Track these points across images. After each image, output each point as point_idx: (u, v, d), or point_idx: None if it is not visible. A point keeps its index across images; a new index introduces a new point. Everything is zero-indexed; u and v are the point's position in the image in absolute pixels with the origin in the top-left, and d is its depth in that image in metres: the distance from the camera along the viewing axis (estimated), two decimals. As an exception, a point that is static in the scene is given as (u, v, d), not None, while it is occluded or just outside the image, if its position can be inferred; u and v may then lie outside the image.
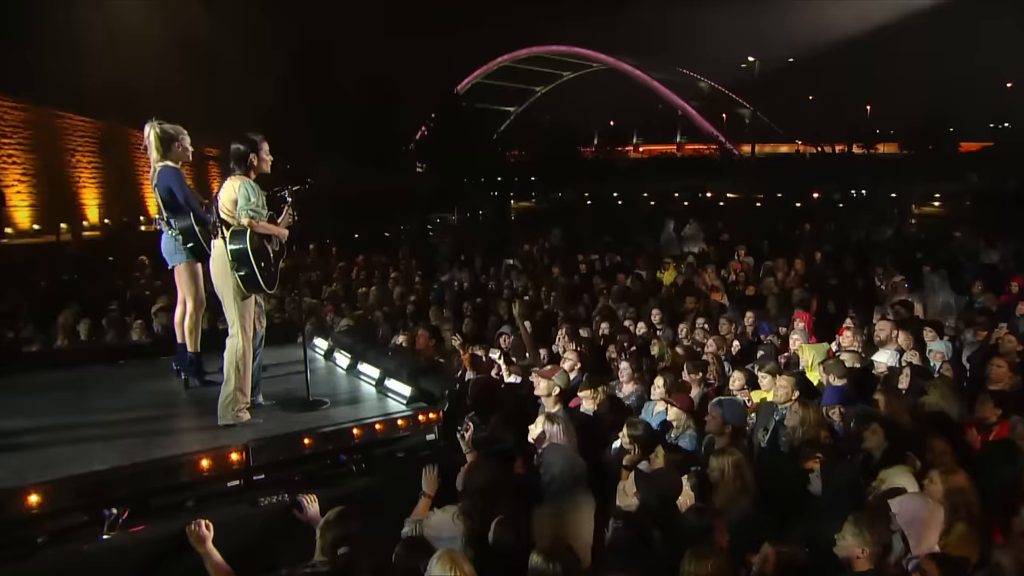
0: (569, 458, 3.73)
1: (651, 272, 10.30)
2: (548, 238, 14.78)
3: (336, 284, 10.36)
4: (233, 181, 3.98)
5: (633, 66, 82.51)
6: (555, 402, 4.63)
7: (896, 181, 27.49)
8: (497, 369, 5.86)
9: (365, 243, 17.33)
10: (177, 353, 4.83)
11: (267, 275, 4.00)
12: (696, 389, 5.52)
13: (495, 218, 27.19)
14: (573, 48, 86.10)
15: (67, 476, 3.20)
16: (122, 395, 4.55)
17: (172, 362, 4.91)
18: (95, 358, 5.46)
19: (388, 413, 4.22)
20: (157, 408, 4.30)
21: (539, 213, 31.37)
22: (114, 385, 4.76)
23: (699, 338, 6.72)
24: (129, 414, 4.15)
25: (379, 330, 7.64)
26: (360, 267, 11.90)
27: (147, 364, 5.28)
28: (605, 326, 7.07)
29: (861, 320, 7.01)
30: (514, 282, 10.12)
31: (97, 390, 4.66)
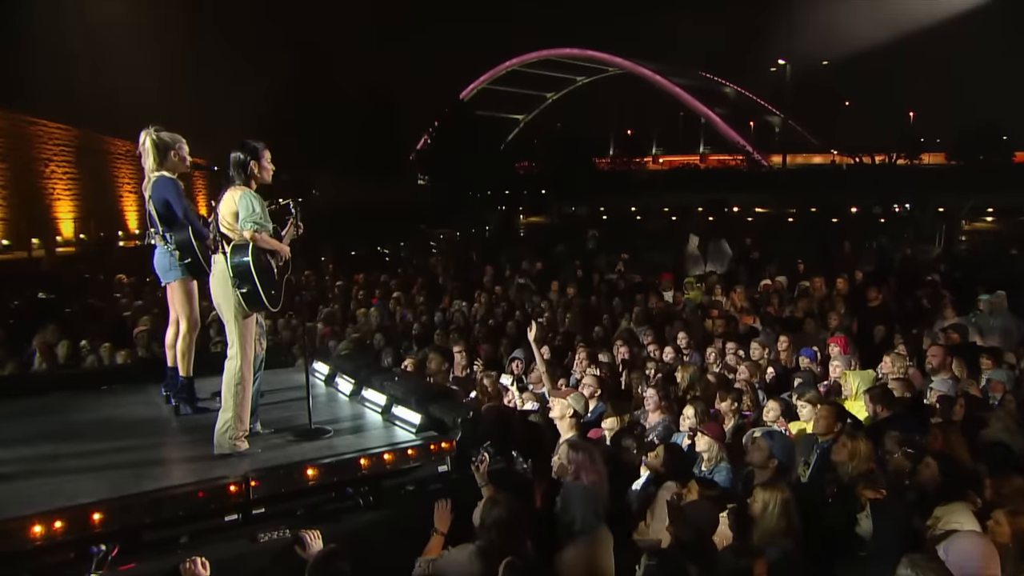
0: (590, 496, 3.75)
1: (675, 292, 10.34)
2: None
3: (333, 304, 10.44)
4: (233, 191, 4.05)
5: (652, 70, 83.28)
6: (571, 426, 4.64)
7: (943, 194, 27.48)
8: (510, 396, 5.90)
9: (363, 260, 17.45)
10: (167, 378, 4.88)
11: (271, 292, 4.06)
12: (730, 420, 5.54)
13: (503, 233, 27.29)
14: (587, 51, 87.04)
15: (51, 510, 3.21)
16: (108, 423, 4.58)
17: (161, 387, 4.96)
18: (76, 383, 5.51)
19: (396, 442, 4.23)
20: (147, 437, 4.33)
21: (550, 228, 31.50)
22: (99, 412, 4.80)
23: (731, 364, 6.73)
24: (116, 443, 4.17)
25: (381, 354, 7.68)
26: (359, 286, 11.99)
27: (133, 390, 5.33)
28: (626, 350, 7.10)
29: (909, 346, 7.02)
30: (526, 303, 10.15)
31: (80, 417, 4.70)
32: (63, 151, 21.36)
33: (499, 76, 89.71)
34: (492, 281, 11.95)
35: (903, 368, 6.17)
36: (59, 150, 21.29)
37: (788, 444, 4.70)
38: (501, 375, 6.14)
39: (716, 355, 7.06)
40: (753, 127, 76.03)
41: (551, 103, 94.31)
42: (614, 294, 10.74)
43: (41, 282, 13.20)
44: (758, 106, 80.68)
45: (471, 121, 43.03)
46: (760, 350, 7.04)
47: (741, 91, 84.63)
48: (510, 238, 25.46)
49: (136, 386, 5.43)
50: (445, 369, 5.96)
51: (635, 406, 5.76)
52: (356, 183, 33.03)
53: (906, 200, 31.36)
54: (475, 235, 26.16)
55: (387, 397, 4.79)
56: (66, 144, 21.44)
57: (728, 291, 10.18)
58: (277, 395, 5.11)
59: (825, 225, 23.24)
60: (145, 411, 4.85)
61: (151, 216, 4.55)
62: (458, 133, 39.10)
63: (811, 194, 33.99)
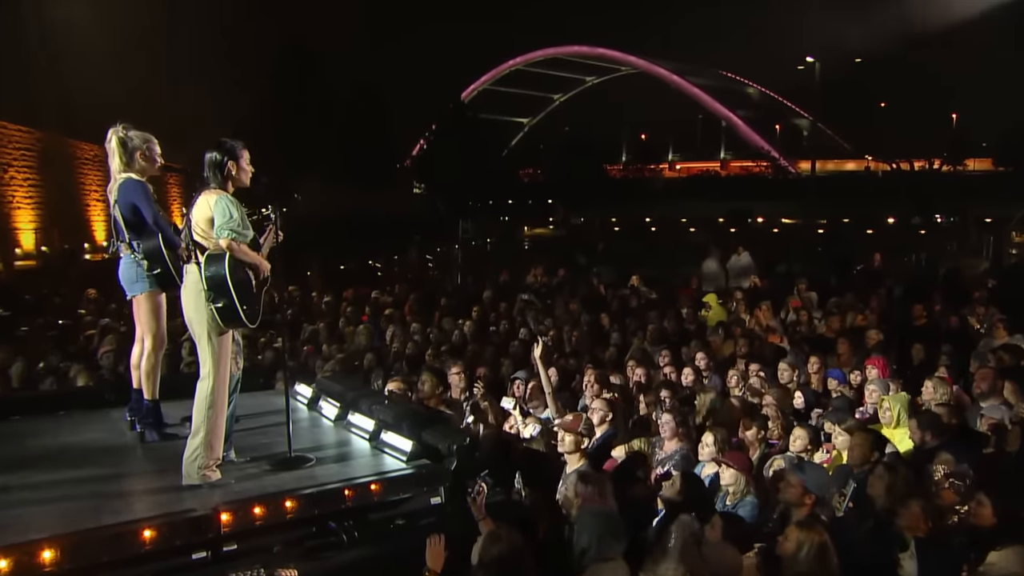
0: (608, 521, 3.70)
1: (693, 310, 10.34)
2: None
3: (319, 322, 10.44)
4: (208, 195, 4.03)
5: (668, 70, 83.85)
6: (580, 458, 4.61)
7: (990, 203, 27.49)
8: (512, 421, 5.87)
9: (353, 275, 17.49)
10: (132, 401, 4.85)
11: (249, 307, 4.03)
12: (756, 449, 5.49)
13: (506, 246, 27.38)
14: (597, 49, 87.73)
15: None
16: (65, 451, 4.55)
17: (125, 412, 4.92)
18: (31, 408, 5.48)
19: (385, 472, 4.21)
20: (108, 466, 4.29)
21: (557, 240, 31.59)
22: (55, 439, 4.77)
23: (756, 387, 6.69)
24: (74, 473, 4.14)
25: (371, 375, 7.66)
26: (348, 302, 12.00)
27: (95, 414, 5.30)
28: (640, 372, 7.08)
29: (954, 368, 6.97)
30: (530, 321, 10.16)
31: (34, 445, 4.67)
32: (24, 155, 21.49)
33: (502, 76, 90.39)
34: (493, 297, 11.93)
35: (945, 393, 6.12)
36: (19, 154, 21.42)
37: (822, 476, 4.66)
38: (502, 398, 6.10)
39: (739, 378, 7.03)
40: (779, 130, 76.21)
41: (558, 105, 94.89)
42: (627, 311, 10.75)
43: None
44: (784, 107, 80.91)
45: (471, 124, 43.21)
46: (788, 372, 6.99)
47: (765, 91, 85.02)
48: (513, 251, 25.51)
49: (98, 410, 5.39)
50: (440, 392, 5.94)
51: (649, 433, 5.70)
52: (346, 190, 33.22)
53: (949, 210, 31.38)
54: (475, 248, 26.21)
55: (375, 422, 4.76)
56: (27, 148, 21.59)
57: (752, 308, 10.16)
58: (254, 420, 5.08)
59: (845, 237, 23.23)
60: (107, 438, 4.81)
61: (116, 222, 4.54)
62: (457, 137, 39.28)
63: (843, 203, 34.06)
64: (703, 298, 10.97)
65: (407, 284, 14.42)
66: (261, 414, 5.15)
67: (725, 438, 5.11)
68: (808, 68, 57.29)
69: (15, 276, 17.61)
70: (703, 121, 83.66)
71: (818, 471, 4.61)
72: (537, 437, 5.54)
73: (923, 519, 3.95)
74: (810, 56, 56.01)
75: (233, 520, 3.59)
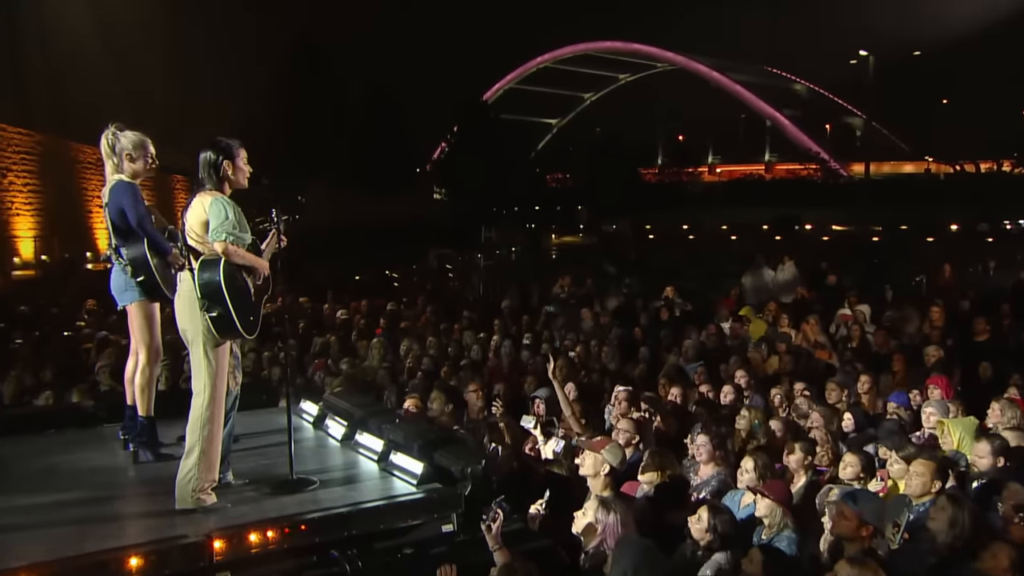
0: (646, 554, 3.64)
1: (734, 324, 10.23)
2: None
3: (330, 335, 10.48)
4: (203, 197, 4.05)
5: (708, 66, 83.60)
6: (605, 484, 4.56)
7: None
8: (532, 442, 5.82)
9: (368, 286, 17.61)
10: (125, 418, 4.89)
11: (246, 317, 4.04)
12: (802, 476, 5.37)
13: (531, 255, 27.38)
14: (631, 44, 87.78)
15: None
16: (53, 472, 4.59)
17: (119, 430, 4.95)
18: (20, 426, 5.54)
19: (393, 496, 4.21)
20: (96, 488, 4.32)
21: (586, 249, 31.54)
22: (44, 459, 4.81)
23: (802, 409, 6.57)
24: (60, 496, 4.17)
25: (383, 392, 7.67)
26: (362, 315, 12.05)
27: (87, 433, 5.35)
28: (674, 391, 7.00)
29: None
30: (555, 334, 10.13)
31: (21, 466, 4.72)
32: (24, 159, 21.89)
33: (528, 74, 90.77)
34: (516, 309, 11.88)
35: (1015, 417, 5.95)
36: (19, 158, 21.82)
37: (877, 507, 4.53)
38: (522, 417, 6.06)
39: (782, 397, 6.88)
40: (829, 130, 75.65)
41: (589, 105, 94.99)
42: (660, 324, 10.65)
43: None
44: (835, 105, 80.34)
45: (495, 126, 43.49)
46: (836, 392, 6.86)
47: (814, 88, 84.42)
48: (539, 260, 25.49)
49: (91, 429, 5.47)
50: (451, 411, 5.92)
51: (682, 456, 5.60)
52: (361, 196, 33.50)
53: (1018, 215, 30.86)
54: (499, 257, 26.24)
55: (384, 442, 4.77)
56: (27, 151, 21.98)
57: (798, 322, 10.02)
58: (255, 439, 5.11)
59: (883, 245, 22.90)
60: (98, 458, 4.85)
61: (107, 228, 4.59)
62: (480, 140, 39.53)
63: (900, 209, 33.62)
64: (740, 311, 10.86)
65: (425, 295, 14.46)
66: (263, 433, 5.18)
67: (767, 464, 4.98)
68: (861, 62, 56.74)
69: (13, 286, 17.87)
70: (746, 121, 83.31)
71: (874, 501, 4.48)
72: (560, 458, 5.49)
73: (1010, 571, 3.78)
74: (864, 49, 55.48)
75: (227, 548, 3.58)
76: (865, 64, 56.12)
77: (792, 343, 9.30)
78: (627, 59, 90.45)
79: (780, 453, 5.47)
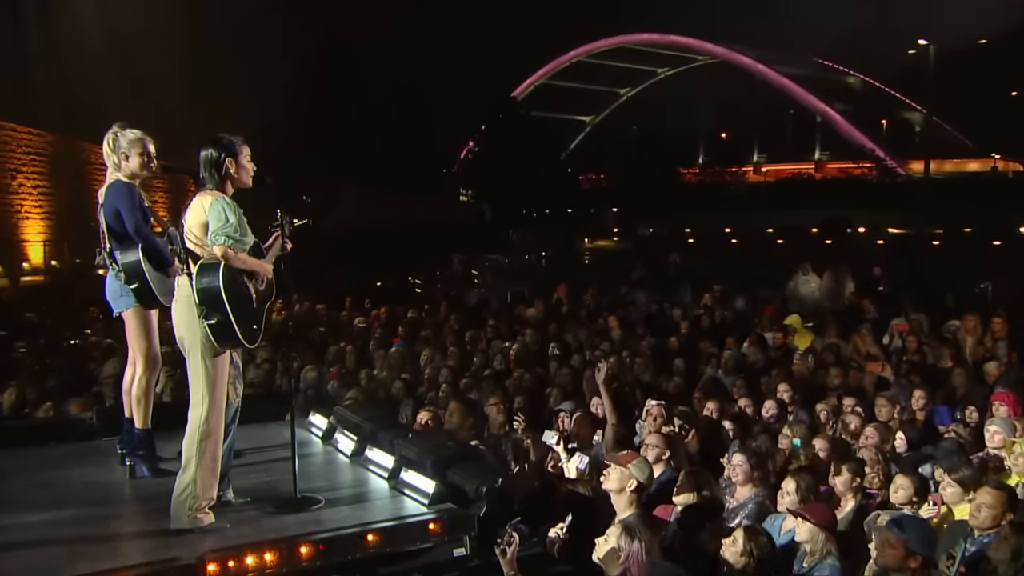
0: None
1: (777, 333, 10.11)
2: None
3: (346, 344, 10.50)
4: (203, 197, 4.05)
5: (753, 58, 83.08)
6: (631, 501, 4.46)
7: None
8: (554, 459, 5.76)
9: (390, 293, 17.69)
10: (123, 431, 4.89)
11: (247, 325, 4.02)
12: (850, 500, 5.25)
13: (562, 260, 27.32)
14: (670, 36, 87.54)
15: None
16: (46, 488, 4.61)
17: (117, 444, 4.96)
18: (16, 439, 5.57)
19: (403, 516, 4.18)
20: (90, 506, 4.33)
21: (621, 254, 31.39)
22: (39, 475, 4.84)
23: (850, 426, 6.44)
24: (52, 514, 4.19)
25: (400, 405, 7.64)
26: (380, 323, 12.06)
27: (85, 447, 5.38)
28: (712, 405, 6.91)
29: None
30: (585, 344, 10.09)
31: (13, 482, 4.74)
32: (33, 160, 22.20)
33: (561, 69, 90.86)
34: (543, 318, 11.84)
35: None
36: (29, 159, 22.14)
37: (928, 535, 4.39)
38: (544, 432, 6.01)
39: (829, 413, 6.80)
40: (885, 126, 74.72)
41: (625, 101, 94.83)
42: (699, 334, 10.59)
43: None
44: (892, 99, 79.34)
45: (525, 124, 43.53)
46: (889, 408, 6.72)
47: (869, 81, 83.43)
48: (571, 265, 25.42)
49: (90, 442, 5.49)
50: (469, 424, 5.88)
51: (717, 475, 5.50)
52: (385, 198, 33.69)
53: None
54: (529, 262, 26.22)
55: (395, 459, 4.74)
56: (37, 152, 22.29)
57: (848, 332, 9.94)
58: (260, 454, 5.12)
59: (917, 250, 22.43)
60: (93, 473, 4.86)
61: (101, 231, 4.60)
62: (509, 139, 39.60)
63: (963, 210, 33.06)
64: (785, 319, 10.76)
65: (448, 302, 14.47)
66: (269, 448, 5.19)
67: (810, 486, 4.90)
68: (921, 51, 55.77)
69: (21, 293, 18.17)
70: (794, 117, 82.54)
71: (923, 529, 4.33)
72: (584, 477, 5.41)
73: None
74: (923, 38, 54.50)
75: (221, 571, 3.56)
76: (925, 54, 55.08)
77: (842, 354, 9.18)
78: (666, 52, 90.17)
79: (825, 474, 5.39)
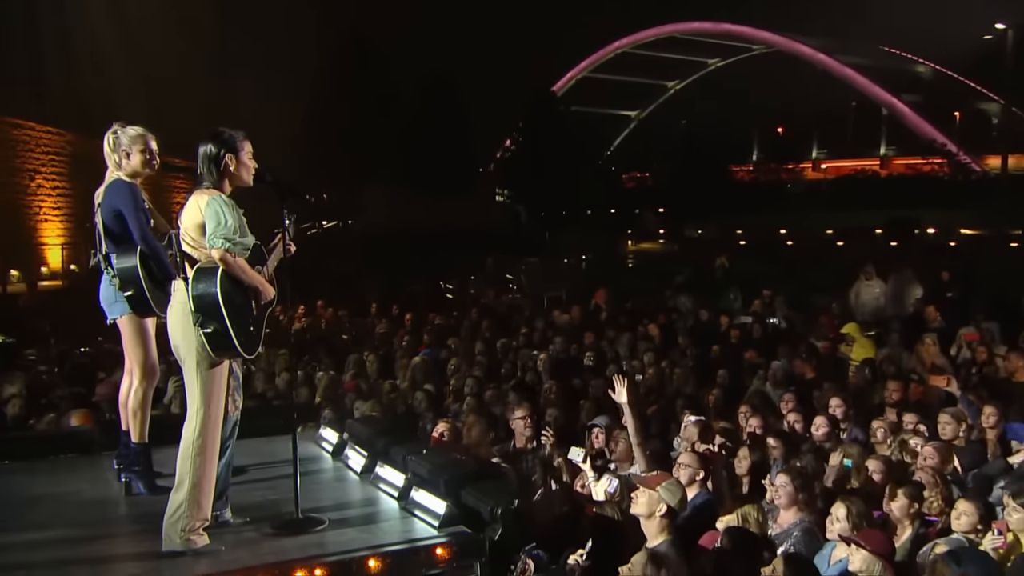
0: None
1: (832, 343, 9.98)
2: None
3: (368, 352, 10.51)
4: (199, 197, 4.02)
5: (813, 47, 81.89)
6: (661, 527, 4.39)
7: None
8: (581, 479, 5.71)
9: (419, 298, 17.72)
10: (120, 445, 4.90)
11: (246, 332, 3.99)
12: (907, 527, 5.09)
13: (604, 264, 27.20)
14: (722, 25, 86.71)
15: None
16: (35, 505, 4.65)
17: (114, 459, 4.97)
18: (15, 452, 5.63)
19: (412, 540, 4.15)
20: (79, 525, 4.34)
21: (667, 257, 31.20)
22: (29, 491, 4.88)
23: (911, 445, 6.25)
24: (34, 535, 4.21)
25: (421, 418, 7.65)
26: (406, 330, 12.07)
27: (82, 461, 5.44)
28: (755, 422, 6.76)
29: None
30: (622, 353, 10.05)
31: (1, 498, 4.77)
32: (53, 161, 22.62)
33: (604, 61, 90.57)
34: (579, 325, 11.76)
35: None
36: (48, 159, 22.56)
37: (989, 569, 4.22)
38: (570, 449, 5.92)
39: (887, 431, 6.61)
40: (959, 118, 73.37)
41: (673, 94, 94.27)
42: (747, 343, 10.48)
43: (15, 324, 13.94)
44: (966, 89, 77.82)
45: (566, 120, 43.47)
46: (954, 425, 6.50)
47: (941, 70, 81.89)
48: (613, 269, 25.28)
49: (90, 456, 5.55)
50: (490, 439, 5.83)
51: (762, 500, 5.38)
52: (416, 199, 33.87)
53: None
54: (567, 266, 26.12)
55: (407, 477, 4.71)
56: (57, 152, 22.70)
57: (912, 342, 9.74)
58: (265, 470, 5.14)
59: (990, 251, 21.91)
60: (87, 489, 4.88)
61: (97, 232, 4.60)
62: (548, 136, 39.56)
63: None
64: (842, 328, 10.57)
65: (478, 308, 14.45)
66: (275, 463, 5.18)
67: (863, 511, 4.76)
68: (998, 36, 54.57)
69: (38, 299, 18.48)
70: (858, 109, 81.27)
71: (985, 562, 4.17)
72: (615, 499, 5.30)
73: None
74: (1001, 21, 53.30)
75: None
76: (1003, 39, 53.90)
77: (902, 366, 9.04)
78: (717, 41, 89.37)
79: (879, 498, 5.24)
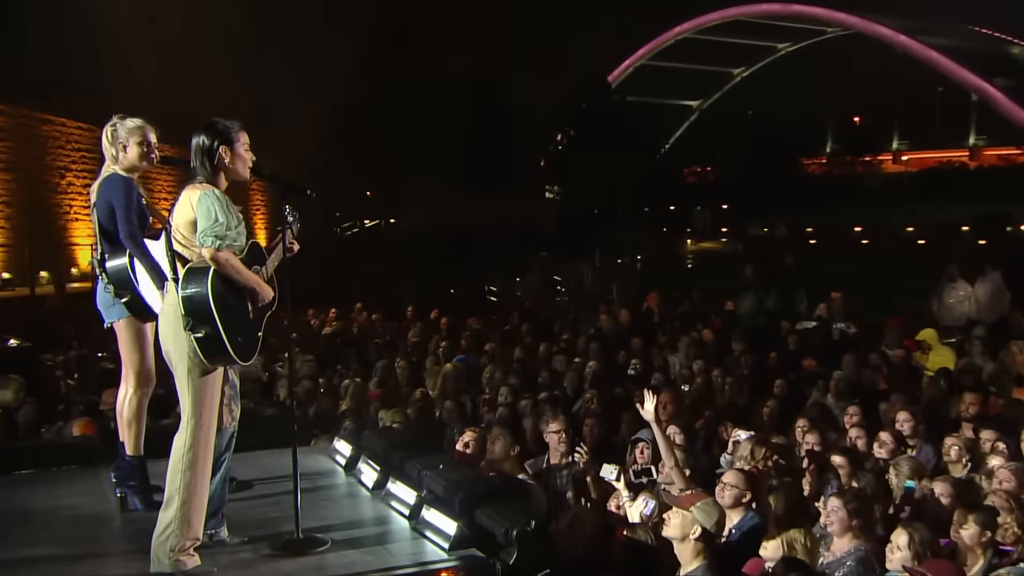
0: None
1: (900, 351, 9.74)
2: None
3: (399, 359, 10.48)
4: (191, 192, 3.99)
5: (894, 28, 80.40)
6: (696, 553, 4.31)
7: None
8: (616, 499, 5.64)
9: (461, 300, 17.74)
10: (117, 457, 4.89)
11: (240, 337, 3.95)
12: (979, 557, 4.90)
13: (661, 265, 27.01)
14: (793, 6, 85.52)
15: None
16: (26, 522, 4.67)
17: (111, 471, 4.96)
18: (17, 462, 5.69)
19: (422, 563, 4.13)
20: (66, 544, 4.35)
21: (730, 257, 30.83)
22: (23, 505, 4.92)
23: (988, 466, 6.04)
24: (20, 552, 4.23)
25: (448, 430, 7.67)
26: (442, 335, 12.06)
27: (81, 473, 5.48)
28: (812, 438, 6.57)
29: None
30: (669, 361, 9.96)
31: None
32: (84, 158, 23.06)
33: (664, 48, 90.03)
34: (626, 330, 11.70)
35: None
36: (79, 156, 23.02)
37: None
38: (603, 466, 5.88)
39: (961, 450, 6.36)
40: (1060, 104, 71.66)
41: (740, 82, 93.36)
42: (809, 351, 10.30)
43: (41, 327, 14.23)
44: (1065, 73, 75.96)
45: (622, 111, 43.31)
46: (1036, 444, 6.25)
47: (1036, 51, 79.98)
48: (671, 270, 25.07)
49: (91, 467, 5.58)
50: (516, 454, 5.76)
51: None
52: (461, 196, 34.03)
53: None
54: (622, 266, 25.98)
55: (418, 494, 4.69)
56: (88, 148, 23.14)
57: (996, 350, 9.52)
58: (268, 486, 5.14)
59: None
60: (82, 504, 4.90)
61: (95, 231, 4.62)
62: (603, 128, 39.43)
63: None
64: (918, 335, 10.34)
65: (521, 312, 14.39)
66: (282, 478, 5.15)
67: (927, 540, 4.60)
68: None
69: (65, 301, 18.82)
70: (944, 96, 79.57)
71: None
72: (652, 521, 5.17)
73: None
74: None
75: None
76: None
77: (982, 377, 8.78)
78: (788, 24, 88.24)
79: (946, 525, 5.05)
